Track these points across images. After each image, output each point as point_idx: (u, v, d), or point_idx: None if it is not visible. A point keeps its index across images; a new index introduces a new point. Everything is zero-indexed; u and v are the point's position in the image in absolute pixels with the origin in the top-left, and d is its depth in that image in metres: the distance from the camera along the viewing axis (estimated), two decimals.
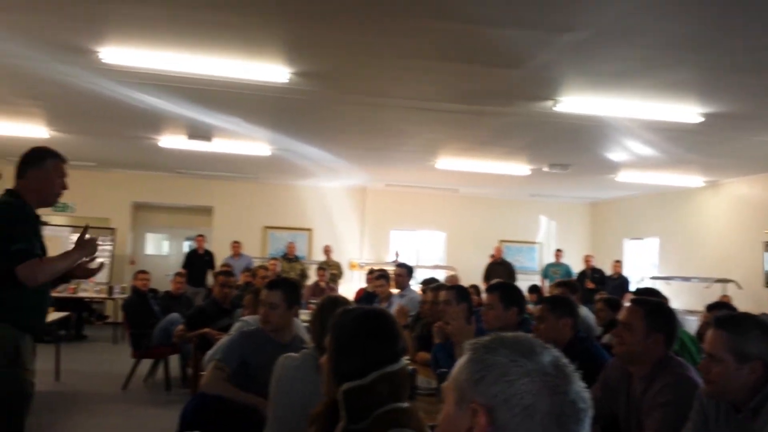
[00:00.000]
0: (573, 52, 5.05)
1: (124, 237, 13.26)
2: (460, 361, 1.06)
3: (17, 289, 2.78)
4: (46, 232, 3.18)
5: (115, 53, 5.49)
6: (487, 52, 5.17)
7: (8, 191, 3.03)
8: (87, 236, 3.04)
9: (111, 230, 12.74)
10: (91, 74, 6.15)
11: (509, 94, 6.29)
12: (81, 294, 11.06)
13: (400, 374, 1.67)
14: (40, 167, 3.01)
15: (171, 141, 9.50)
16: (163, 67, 5.74)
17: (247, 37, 5.09)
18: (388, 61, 5.47)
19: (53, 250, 3.08)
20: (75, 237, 10.79)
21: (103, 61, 5.62)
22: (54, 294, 9.55)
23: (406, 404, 1.65)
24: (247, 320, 3.96)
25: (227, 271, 6.16)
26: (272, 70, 5.72)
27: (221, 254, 11.99)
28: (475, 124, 7.63)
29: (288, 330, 3.29)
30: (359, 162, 10.86)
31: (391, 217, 14.23)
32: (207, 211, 13.83)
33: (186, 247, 14.19)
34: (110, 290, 11.36)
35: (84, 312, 11.29)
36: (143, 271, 7.88)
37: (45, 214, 10.62)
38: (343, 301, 2.61)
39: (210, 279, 11.19)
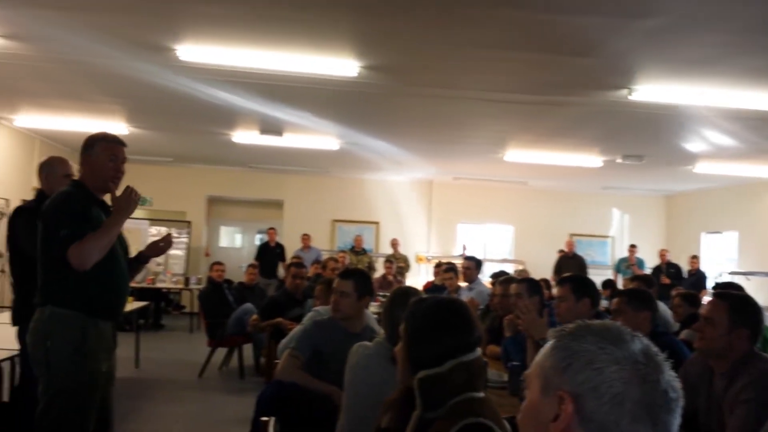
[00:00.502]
0: (649, 38, 4.90)
1: (199, 230, 13.69)
2: (545, 349, 1.06)
3: (83, 274, 2.76)
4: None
5: (191, 51, 5.67)
6: (560, 41, 5.07)
7: (72, 181, 3.08)
8: (123, 195, 2.97)
9: (187, 223, 13.16)
10: (169, 72, 6.36)
11: (582, 83, 6.16)
12: (159, 285, 11.49)
13: (476, 364, 1.68)
14: (90, 153, 2.98)
15: (244, 136, 9.73)
16: (237, 63, 5.89)
17: (317, 33, 5.16)
18: (458, 52, 5.44)
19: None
20: (154, 230, 11.28)
21: (180, 58, 5.81)
22: (133, 285, 9.98)
23: (481, 394, 1.65)
24: (319, 310, 4.03)
25: (299, 263, 6.29)
26: (342, 64, 5.79)
27: (291, 247, 12.21)
28: (545, 114, 7.50)
29: (359, 320, 3.33)
30: (426, 155, 10.86)
31: (458, 210, 14.16)
32: (278, 204, 14.11)
33: (258, 239, 14.54)
34: (186, 281, 11.76)
35: (162, 302, 11.73)
36: (219, 263, 8.12)
37: None
38: (414, 291, 2.63)
39: (281, 271, 11.44)
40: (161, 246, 3.29)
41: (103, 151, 2.97)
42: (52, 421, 2.76)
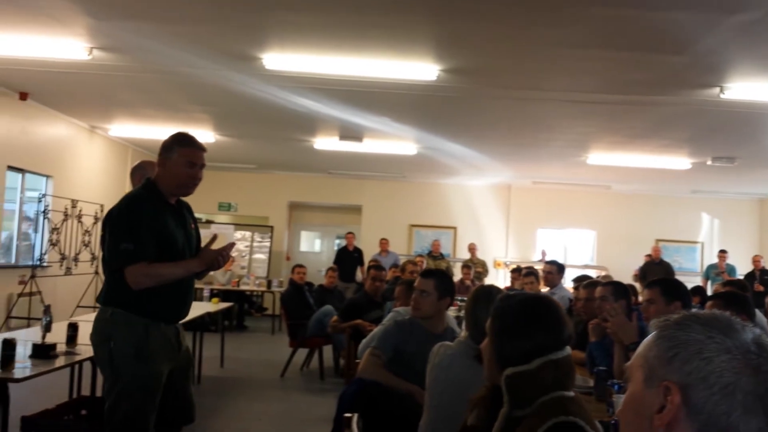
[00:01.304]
0: (742, 34, 4.69)
1: (281, 234, 14.02)
2: (648, 339, 1.03)
3: None
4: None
5: (276, 59, 5.84)
6: (648, 38, 4.93)
7: (147, 180, 2.97)
8: (211, 247, 2.94)
9: (269, 228, 13.51)
10: (255, 80, 6.58)
11: (671, 82, 5.96)
12: (243, 287, 11.83)
13: (566, 362, 1.65)
14: (169, 156, 2.89)
15: (324, 142, 9.93)
16: (319, 70, 6.03)
17: (397, 37, 5.22)
18: (540, 52, 5.38)
19: (218, 245, 3.01)
20: (238, 234, 11.60)
21: (266, 67, 5.99)
22: (218, 287, 10.32)
23: (571, 393, 1.63)
24: (399, 311, 4.06)
25: (378, 266, 6.35)
26: (421, 68, 5.83)
27: (369, 251, 12.33)
28: (631, 115, 7.29)
29: (440, 320, 3.33)
30: (505, 159, 10.75)
31: (538, 215, 13.93)
32: (356, 209, 14.28)
33: (336, 244, 14.76)
34: (269, 284, 12.05)
35: (245, 304, 12.07)
36: (300, 265, 8.30)
37: (211, 213, 11.52)
38: (497, 290, 2.61)
39: (359, 275, 11.56)
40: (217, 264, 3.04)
41: (180, 156, 2.88)
42: (118, 422, 2.78)
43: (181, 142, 2.92)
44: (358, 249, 12.33)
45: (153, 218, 2.81)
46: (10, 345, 3.29)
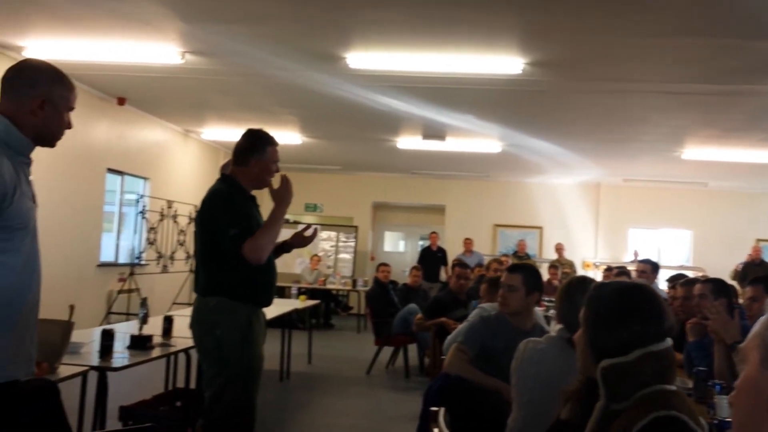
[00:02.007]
0: None
1: (365, 235, 14.15)
2: (764, 319, 0.96)
3: (244, 268, 2.90)
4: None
5: (360, 58, 5.88)
6: (744, 23, 4.65)
7: (223, 177, 3.14)
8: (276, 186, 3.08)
9: (354, 228, 13.67)
10: (339, 80, 6.65)
11: None
12: (329, 286, 12.02)
13: (667, 355, 1.56)
14: (263, 154, 3.06)
15: (408, 142, 9.94)
16: (403, 68, 6.03)
17: (481, 30, 5.14)
18: (630, 41, 5.17)
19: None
20: (325, 234, 11.80)
21: (350, 66, 6.05)
22: (305, 285, 10.52)
23: (673, 387, 1.54)
24: (485, 307, 3.99)
25: (463, 263, 6.30)
26: (505, 62, 5.72)
27: (453, 251, 12.24)
28: (730, 106, 6.90)
29: (528, 316, 3.25)
30: (594, 155, 10.42)
31: (629, 214, 13.42)
32: (440, 209, 14.23)
33: (420, 245, 14.76)
34: (354, 283, 12.19)
35: (331, 303, 12.26)
36: (384, 264, 8.35)
37: (298, 213, 11.73)
38: (591, 280, 2.51)
39: (443, 275, 11.51)
40: (306, 236, 3.34)
41: (272, 154, 3.10)
42: (225, 406, 2.92)
43: (271, 142, 3.13)
44: (442, 249, 12.28)
45: (245, 206, 3.05)
46: (108, 336, 3.45)
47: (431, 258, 11.95)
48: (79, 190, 7.95)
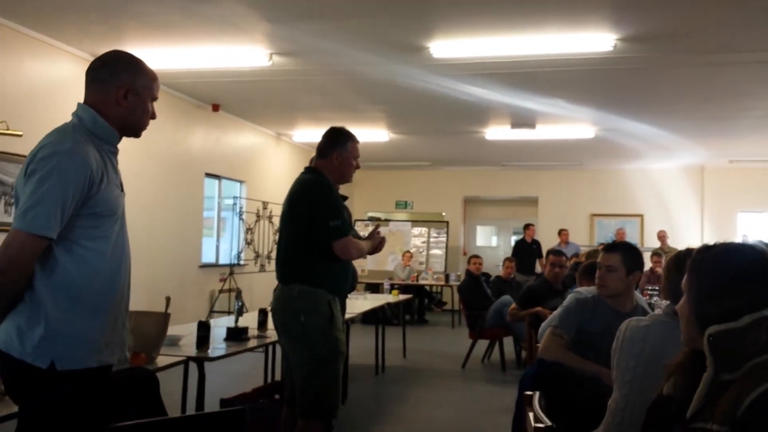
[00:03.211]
0: None
1: (456, 230, 14.03)
2: None
3: (327, 259, 3.07)
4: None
5: (443, 47, 5.81)
6: None
7: (310, 170, 3.30)
8: (378, 233, 3.36)
9: (445, 223, 13.58)
10: (424, 71, 6.60)
11: None
12: (421, 281, 11.99)
13: None
14: (343, 150, 3.22)
15: (496, 132, 9.76)
16: (487, 54, 5.91)
17: (569, 5, 4.94)
18: (731, 7, 4.82)
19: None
20: (416, 230, 11.79)
21: (433, 56, 5.99)
22: (397, 282, 10.53)
23: None
24: (580, 290, 3.82)
25: (558, 250, 6.08)
26: (596, 39, 5.49)
27: (548, 243, 11.89)
28: None
29: (628, 298, 3.08)
30: (695, 136, 9.84)
31: (737, 197, 12.61)
32: (532, 201, 13.90)
33: (512, 240, 14.49)
34: (446, 278, 12.11)
35: (425, 299, 12.23)
36: (476, 256, 8.25)
37: (389, 211, 11.82)
38: None
39: (539, 267, 11.23)
40: (377, 247, 3.43)
41: (353, 150, 3.25)
42: (319, 387, 3.04)
43: (352, 138, 3.28)
44: (537, 241, 11.99)
45: (339, 199, 3.21)
46: (204, 327, 3.55)
47: (526, 250, 11.69)
48: (180, 195, 8.30)
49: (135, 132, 2.08)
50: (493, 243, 15.45)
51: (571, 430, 2.50)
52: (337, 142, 3.23)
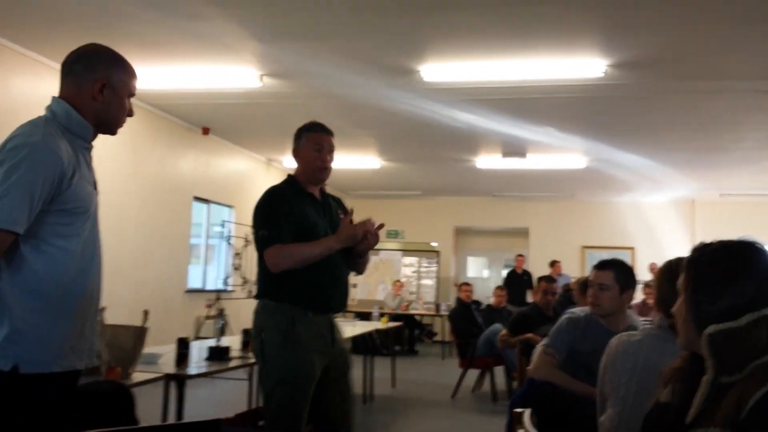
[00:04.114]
0: None
1: (447, 260, 13.94)
2: None
3: (294, 272, 2.71)
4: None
5: (434, 70, 5.81)
6: None
7: (288, 176, 2.98)
8: (347, 223, 2.81)
9: (436, 253, 13.49)
10: (414, 95, 6.59)
11: None
12: (412, 311, 11.85)
13: None
14: (297, 144, 2.90)
15: (487, 161, 9.75)
16: (478, 78, 5.92)
17: (560, 30, 4.95)
18: (726, 31, 4.82)
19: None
20: (407, 260, 11.65)
21: (424, 79, 5.99)
22: (387, 311, 10.38)
23: None
24: (574, 310, 3.74)
25: (550, 277, 6.01)
26: (586, 65, 5.51)
27: (538, 275, 11.81)
28: None
29: (621, 317, 2.99)
30: (686, 168, 9.86)
31: (727, 231, 11.99)
32: (523, 232, 13.86)
33: (504, 272, 14.42)
34: (437, 308, 11.98)
35: (415, 330, 12.07)
36: (466, 283, 8.16)
37: (380, 240, 11.77)
38: None
39: (529, 298, 11.13)
40: (370, 243, 2.87)
41: (307, 141, 2.88)
42: (272, 411, 2.74)
43: (309, 128, 2.92)
44: (527, 272, 11.91)
45: (289, 207, 2.79)
46: (184, 344, 3.43)
47: (517, 281, 11.61)
48: (168, 218, 8.20)
49: (110, 129, 1.99)
50: (484, 275, 15.36)
51: None
52: (294, 137, 2.93)
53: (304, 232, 2.77)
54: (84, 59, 1.93)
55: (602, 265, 3.01)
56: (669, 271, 2.24)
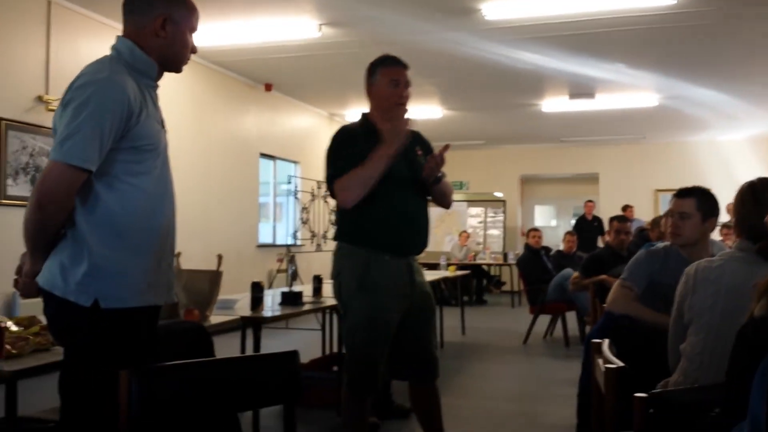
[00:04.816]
0: None
1: (513, 210, 13.75)
2: None
3: (362, 209, 2.66)
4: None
5: (496, 7, 5.62)
6: None
7: (362, 114, 2.91)
8: (388, 127, 2.67)
9: (502, 203, 13.32)
10: (476, 37, 6.41)
11: None
12: (479, 261, 11.79)
13: None
14: (372, 81, 2.81)
15: (553, 104, 9.46)
16: (542, 13, 5.69)
17: None
18: None
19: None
20: (472, 211, 11.55)
21: (486, 18, 5.80)
22: (454, 262, 10.34)
23: None
24: (654, 243, 3.61)
25: (623, 216, 5.82)
26: None
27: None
28: None
29: (704, 247, 2.84)
30: (765, 103, 9.30)
31: None
32: (592, 178, 13.50)
33: (573, 218, 14.13)
34: (505, 257, 11.89)
35: (483, 280, 12.02)
36: (535, 229, 8.02)
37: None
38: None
39: (600, 244, 10.88)
40: (434, 168, 2.78)
41: (383, 76, 2.76)
42: (350, 354, 2.76)
43: (383, 61, 2.81)
44: (598, 218, 11.63)
45: (359, 147, 2.67)
46: (258, 287, 3.48)
47: (587, 227, 11.36)
48: (236, 175, 8.36)
49: (176, 66, 1.99)
50: (552, 223, 15.08)
51: (643, 377, 2.33)
52: (368, 73, 2.82)
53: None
54: None
55: (683, 193, 2.86)
56: (752, 192, 2.11)
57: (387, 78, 2.76)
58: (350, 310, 2.76)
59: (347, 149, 2.71)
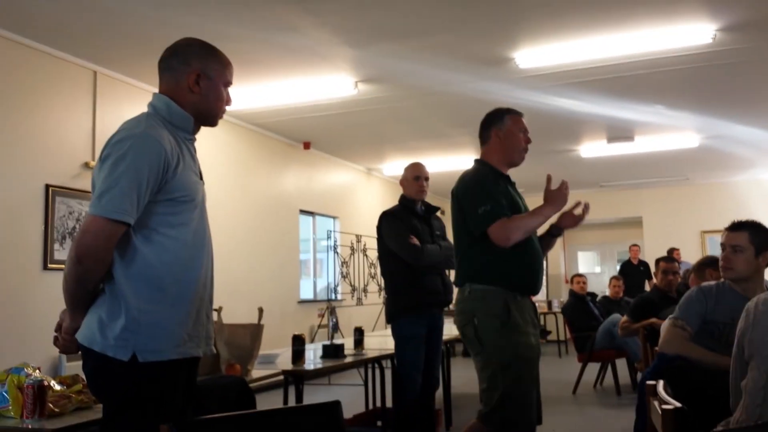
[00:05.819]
0: None
1: (556, 256, 13.55)
2: None
3: (499, 250, 2.73)
4: None
5: (529, 56, 5.65)
6: None
7: (476, 161, 3.04)
8: (551, 189, 2.94)
9: None
10: (510, 86, 6.43)
11: None
12: None
13: None
14: (501, 127, 2.95)
15: (591, 149, 9.40)
16: (577, 59, 5.70)
17: None
18: None
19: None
20: None
21: (519, 67, 5.84)
22: None
23: None
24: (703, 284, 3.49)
25: (670, 257, 5.67)
26: (693, 31, 5.17)
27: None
28: None
29: (758, 282, 2.76)
30: None
31: None
32: (636, 222, 13.27)
33: (617, 265, 13.84)
34: (549, 305, 11.65)
35: None
36: (579, 275, 7.85)
37: None
38: None
39: (648, 288, 10.60)
40: (576, 215, 3.12)
41: (514, 123, 2.96)
42: (498, 397, 2.69)
43: (509, 111, 3.01)
44: (644, 262, 11.36)
45: (497, 184, 2.87)
46: (299, 340, 3.47)
47: (633, 272, 11.09)
48: (277, 232, 8.46)
49: (211, 119, 2.02)
50: (596, 269, 14.81)
51: (700, 419, 2.21)
52: (493, 120, 2.98)
53: (514, 209, 2.84)
54: (178, 53, 1.98)
55: (736, 226, 2.81)
56: None
57: (518, 125, 2.97)
58: (496, 351, 2.73)
59: (494, 187, 2.84)
